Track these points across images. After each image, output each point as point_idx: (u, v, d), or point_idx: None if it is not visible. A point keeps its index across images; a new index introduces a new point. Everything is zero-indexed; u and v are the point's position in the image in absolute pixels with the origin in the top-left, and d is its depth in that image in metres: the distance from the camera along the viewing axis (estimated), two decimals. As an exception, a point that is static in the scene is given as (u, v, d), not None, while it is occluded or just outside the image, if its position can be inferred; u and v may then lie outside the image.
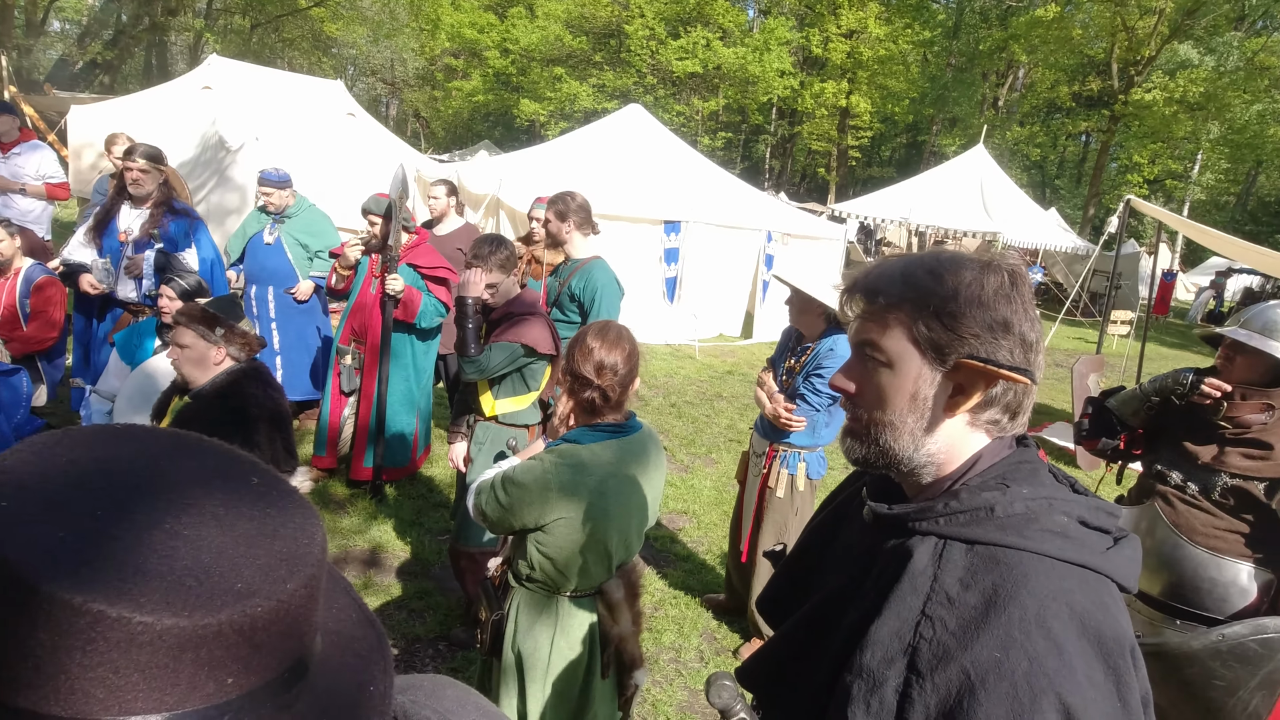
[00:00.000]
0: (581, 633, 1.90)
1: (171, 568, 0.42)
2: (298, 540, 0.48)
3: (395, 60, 32.83)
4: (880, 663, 0.82)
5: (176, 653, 0.41)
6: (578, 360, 1.83)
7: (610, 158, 9.58)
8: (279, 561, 0.46)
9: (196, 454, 0.51)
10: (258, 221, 4.74)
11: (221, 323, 2.58)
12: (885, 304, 0.90)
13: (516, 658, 1.90)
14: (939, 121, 31.84)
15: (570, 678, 1.90)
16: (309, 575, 0.47)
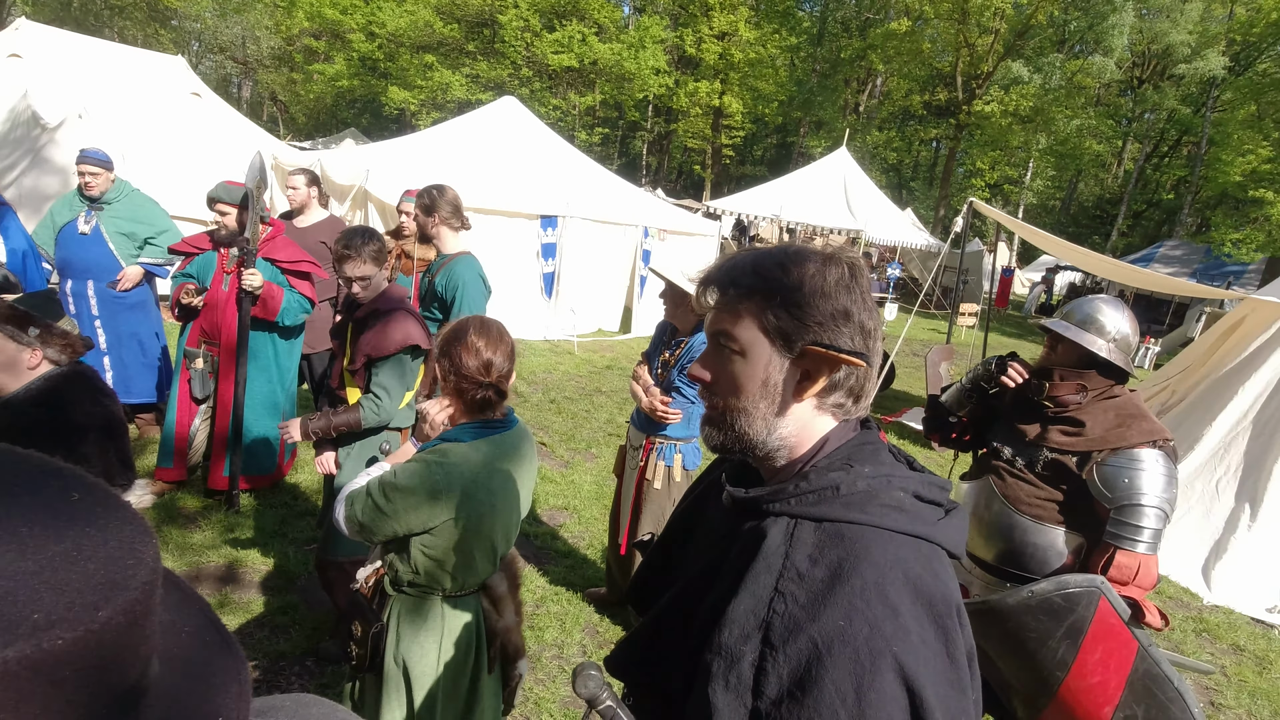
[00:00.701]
0: (467, 631, 1.88)
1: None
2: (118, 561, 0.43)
3: (247, 37, 30.43)
4: (737, 639, 0.85)
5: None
6: (464, 359, 1.78)
7: (485, 150, 9.36)
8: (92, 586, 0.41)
9: (5, 470, 0.45)
10: (69, 208, 4.24)
11: (36, 322, 2.30)
12: (737, 295, 0.94)
13: (402, 667, 1.84)
14: (806, 124, 33.43)
15: (458, 678, 1.88)
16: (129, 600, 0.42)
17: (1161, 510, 2.15)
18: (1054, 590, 1.97)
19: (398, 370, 2.74)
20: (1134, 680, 1.95)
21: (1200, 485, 5.23)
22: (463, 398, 1.81)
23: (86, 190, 4.18)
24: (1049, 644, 1.97)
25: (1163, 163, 33.36)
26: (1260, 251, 21.37)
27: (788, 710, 0.79)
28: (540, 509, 4.66)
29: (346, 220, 7.83)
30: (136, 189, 4.46)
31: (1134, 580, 2.11)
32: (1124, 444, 2.21)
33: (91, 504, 0.45)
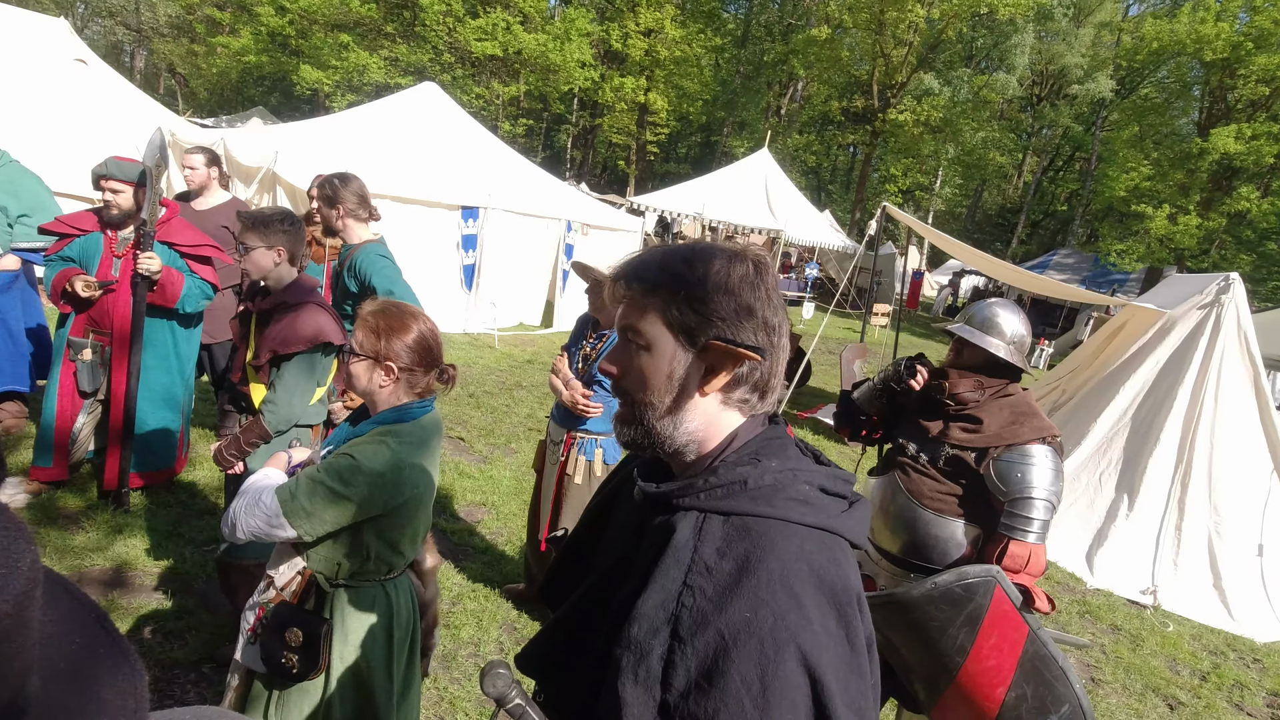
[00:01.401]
0: (408, 610, 1.91)
1: None
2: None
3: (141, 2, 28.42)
4: (646, 633, 0.85)
5: None
6: (410, 340, 1.80)
7: (404, 137, 9.08)
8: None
9: None
10: None
11: None
12: (643, 290, 0.95)
13: (354, 661, 1.79)
14: (730, 124, 34.01)
15: (401, 657, 1.89)
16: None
17: (1049, 502, 2.29)
18: (954, 581, 2.07)
19: (305, 367, 2.60)
20: (1024, 661, 2.07)
21: (1085, 478, 5.62)
22: (410, 376, 1.82)
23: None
24: (949, 631, 2.08)
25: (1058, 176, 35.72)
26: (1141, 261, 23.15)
27: (695, 702, 0.80)
28: (458, 505, 4.56)
29: (252, 204, 7.45)
30: (16, 160, 4.09)
31: (1025, 568, 2.25)
32: (1017, 440, 2.35)
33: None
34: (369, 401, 1.87)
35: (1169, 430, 5.37)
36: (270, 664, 1.73)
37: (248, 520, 1.68)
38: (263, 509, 1.68)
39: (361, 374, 1.80)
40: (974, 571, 2.11)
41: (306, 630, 1.71)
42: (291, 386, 2.57)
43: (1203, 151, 22.23)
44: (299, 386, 2.58)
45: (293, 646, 1.70)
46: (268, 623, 1.74)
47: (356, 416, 1.96)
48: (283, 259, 2.67)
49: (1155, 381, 5.60)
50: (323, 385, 2.75)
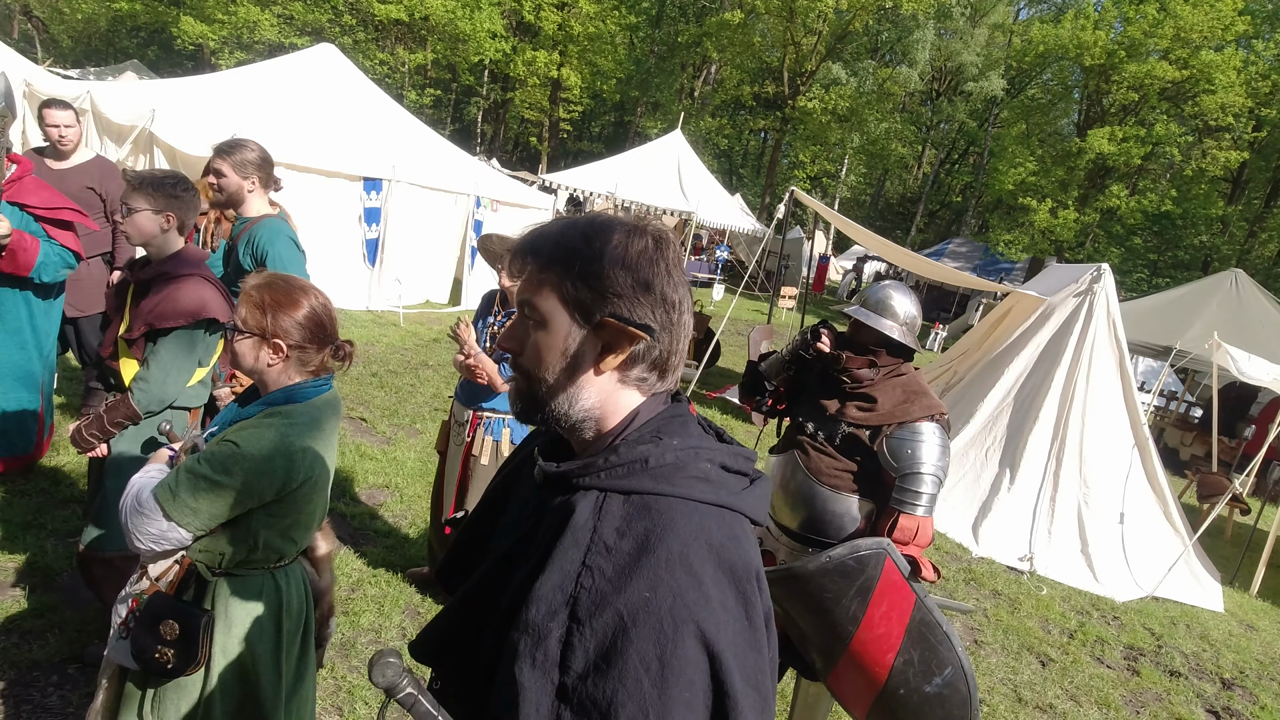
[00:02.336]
0: (299, 599, 1.82)
1: None
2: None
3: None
4: (544, 616, 0.83)
5: None
6: (300, 315, 1.69)
7: (300, 101, 8.53)
8: None
9: None
10: None
11: None
12: (537, 264, 0.92)
13: (237, 654, 1.68)
14: (643, 104, 33.93)
15: (292, 647, 1.80)
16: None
17: (937, 477, 2.41)
18: (847, 554, 2.15)
19: (184, 344, 2.40)
20: (911, 628, 2.18)
21: (973, 454, 5.99)
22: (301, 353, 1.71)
23: None
24: (843, 602, 2.15)
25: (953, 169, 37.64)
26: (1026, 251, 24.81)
27: (593, 683, 0.79)
28: (359, 488, 4.39)
29: (124, 165, 6.85)
30: None
31: (914, 540, 2.36)
32: (908, 418, 2.45)
33: None
34: (258, 382, 1.75)
35: (1047, 409, 5.78)
36: (142, 660, 1.60)
37: (139, 526, 1.55)
38: (147, 511, 1.55)
39: (247, 352, 1.68)
40: (866, 544, 2.19)
41: (183, 622, 1.58)
42: (167, 364, 2.37)
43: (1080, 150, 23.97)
44: (175, 364, 2.39)
45: (168, 640, 1.57)
46: (140, 615, 1.61)
47: (245, 397, 1.83)
48: (171, 225, 2.43)
49: (1036, 364, 6.01)
50: (205, 366, 2.54)
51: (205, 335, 2.47)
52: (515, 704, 0.82)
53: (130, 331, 2.42)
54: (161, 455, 1.81)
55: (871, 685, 2.20)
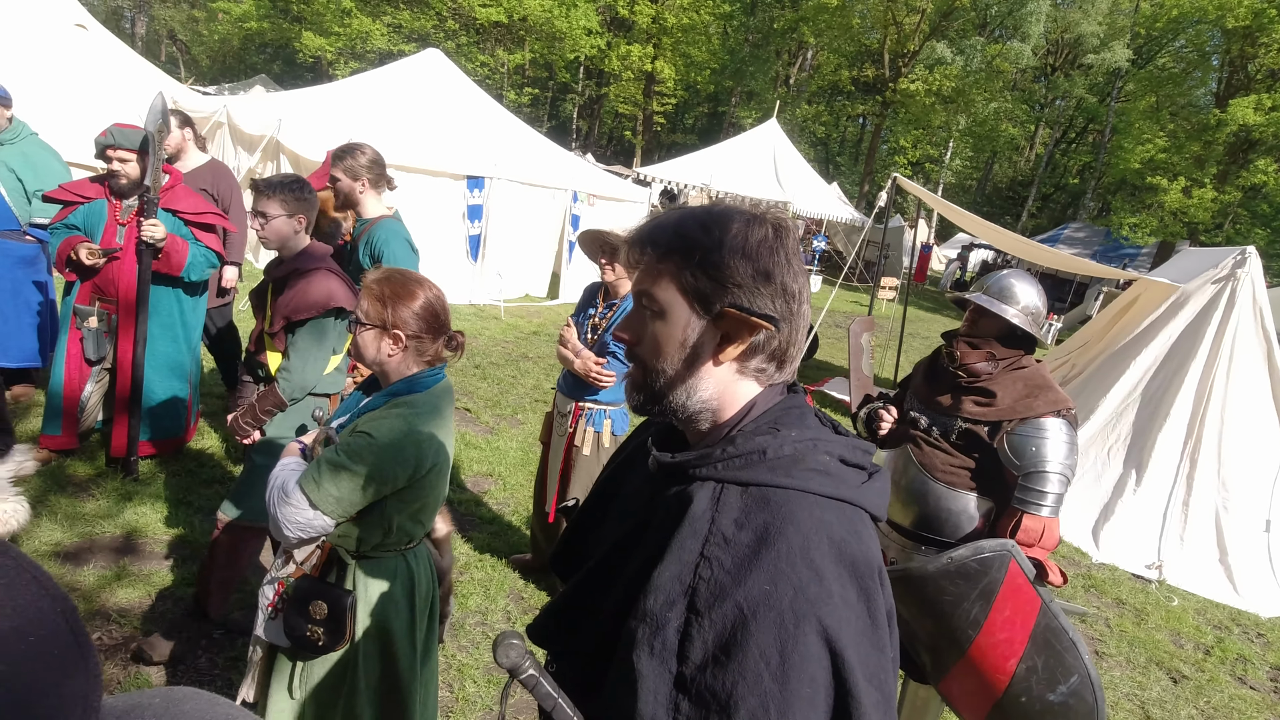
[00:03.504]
0: (426, 579, 1.92)
1: None
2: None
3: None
4: (663, 606, 0.83)
5: None
6: (416, 307, 1.78)
7: (409, 105, 8.95)
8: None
9: None
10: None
11: None
12: (656, 255, 0.92)
13: (376, 632, 1.81)
14: (738, 94, 33.51)
15: (421, 625, 1.91)
16: None
17: (1064, 476, 2.27)
18: (970, 556, 2.06)
19: (316, 334, 2.58)
20: (1036, 634, 2.06)
21: (1094, 452, 5.60)
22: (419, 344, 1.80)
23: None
24: (963, 605, 2.06)
25: (1070, 148, 35.19)
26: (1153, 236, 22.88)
27: (713, 675, 0.79)
28: (464, 475, 4.57)
29: (255, 173, 7.39)
30: (36, 134, 4.03)
31: (1039, 542, 2.23)
32: (1031, 414, 2.32)
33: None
34: (379, 372, 1.85)
35: (1179, 405, 5.33)
36: (295, 638, 1.73)
37: (288, 515, 1.66)
38: (294, 501, 1.66)
39: (370, 343, 1.78)
40: (989, 546, 2.09)
41: (331, 603, 1.71)
42: (305, 353, 2.55)
43: (1220, 123, 21.84)
44: (311, 353, 2.57)
45: (317, 620, 1.70)
46: (290, 597, 1.74)
47: (368, 385, 1.94)
48: (301, 227, 2.64)
49: (1167, 356, 5.55)
50: (338, 353, 2.73)
51: (336, 324, 2.64)
52: (633, 691, 0.83)
53: (271, 326, 2.62)
54: (293, 449, 1.93)
55: (990, 692, 2.10)
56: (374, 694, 1.84)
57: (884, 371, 8.98)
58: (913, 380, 2.73)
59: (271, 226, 2.57)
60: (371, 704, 1.84)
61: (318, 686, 1.81)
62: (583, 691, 0.98)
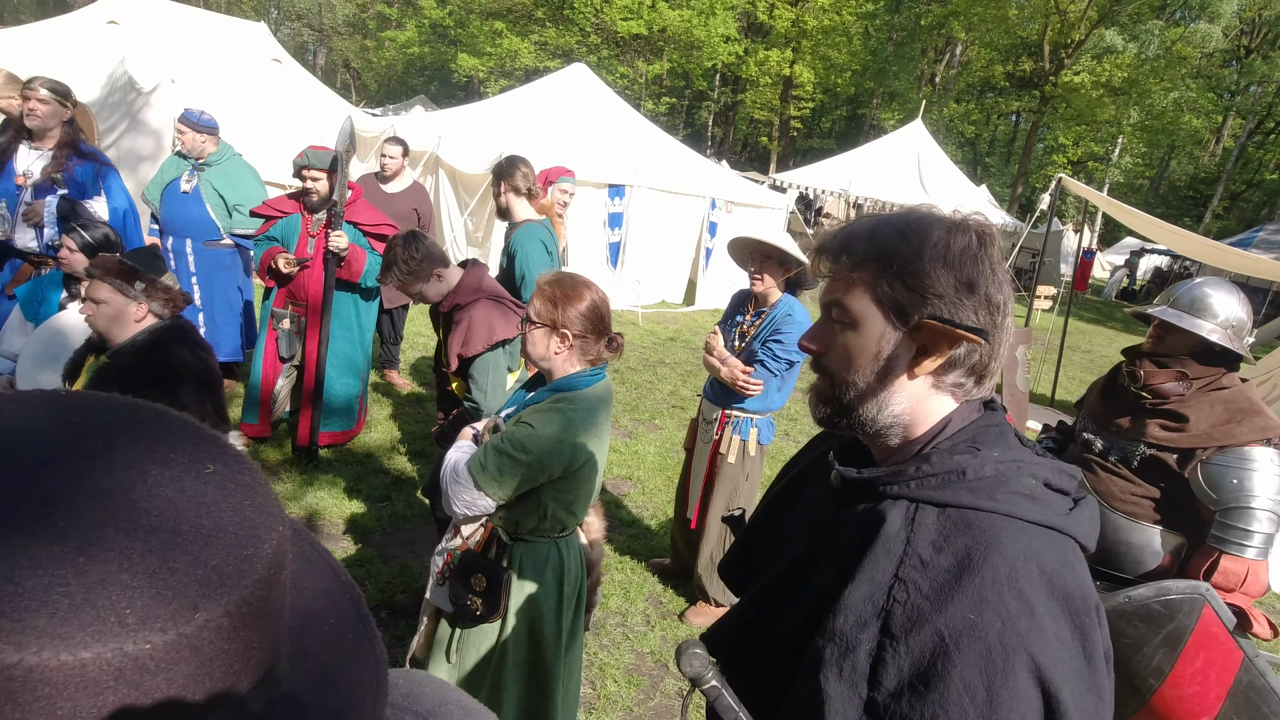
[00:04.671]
0: (577, 568, 2.03)
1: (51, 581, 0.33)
2: (236, 550, 0.38)
3: (323, 5, 31.08)
4: (853, 627, 0.82)
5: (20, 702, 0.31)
6: (583, 307, 1.88)
7: (554, 118, 9.33)
8: (197, 581, 0.36)
9: (145, 434, 0.41)
10: (176, 167, 4.42)
11: (141, 276, 2.40)
12: (850, 263, 0.90)
13: (525, 611, 1.94)
14: (879, 95, 32.27)
15: (569, 610, 2.02)
16: (236, 600, 0.37)
17: (1274, 514, 2.01)
18: (1153, 596, 1.87)
19: (490, 364, 2.78)
20: (1236, 692, 1.85)
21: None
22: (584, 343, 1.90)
23: (181, 150, 4.35)
24: (1144, 650, 1.89)
25: (1267, 140, 31.03)
26: (1374, 239, 19.77)
27: (909, 704, 0.76)
28: (604, 478, 4.69)
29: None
30: (239, 154, 4.59)
31: (1241, 587, 1.99)
32: (1234, 441, 2.07)
33: (224, 479, 0.41)
34: (544, 369, 1.96)
35: None
36: (456, 605, 1.89)
37: (457, 493, 1.83)
38: (463, 481, 1.82)
39: (539, 341, 1.90)
40: (1177, 587, 1.89)
41: (490, 576, 1.86)
42: (484, 384, 2.76)
43: None
44: (490, 381, 2.77)
45: (477, 591, 1.86)
46: (455, 567, 1.91)
47: (533, 382, 2.06)
48: (444, 278, 2.84)
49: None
50: (514, 370, 2.93)
51: (503, 352, 2.83)
52: (819, 712, 0.82)
53: (447, 366, 2.86)
54: (467, 433, 2.09)
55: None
56: (520, 669, 1.97)
57: (1040, 387, 8.33)
58: (1087, 399, 2.52)
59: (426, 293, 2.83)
60: (516, 679, 1.97)
61: (471, 654, 1.96)
62: (756, 706, 0.98)
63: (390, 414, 4.98)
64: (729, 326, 3.23)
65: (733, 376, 3.06)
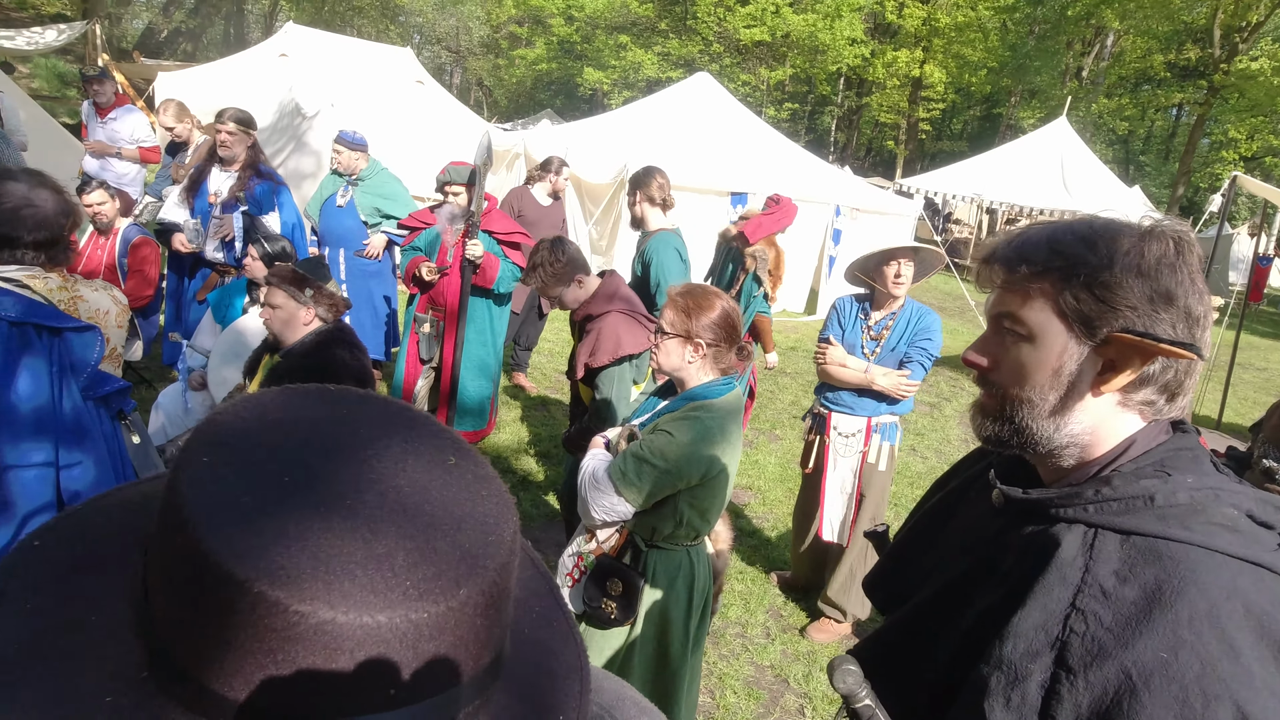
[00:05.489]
0: (705, 576, 2.05)
1: (348, 553, 0.37)
2: (484, 535, 0.42)
3: (460, 28, 32.99)
4: (1023, 656, 0.78)
5: (332, 653, 0.36)
6: (714, 317, 1.90)
7: (676, 127, 9.43)
8: (461, 559, 0.40)
9: (398, 427, 0.46)
10: (332, 184, 4.84)
11: (310, 284, 2.64)
12: (1028, 273, 0.85)
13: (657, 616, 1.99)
14: (1017, 93, 30.33)
15: (695, 617, 2.05)
16: (489, 580, 0.41)
17: None
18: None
19: (616, 376, 2.85)
20: None
21: None
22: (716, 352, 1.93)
23: (336, 167, 4.75)
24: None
25: None
26: None
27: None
28: (723, 487, 4.68)
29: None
30: (386, 169, 4.98)
31: None
32: None
33: (464, 471, 0.45)
34: (677, 379, 2.00)
35: None
36: (590, 608, 1.95)
37: (596, 499, 1.89)
38: (603, 488, 1.88)
39: (673, 351, 1.93)
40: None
41: (626, 581, 1.90)
42: (610, 395, 2.84)
43: None
44: (616, 392, 2.85)
45: (613, 595, 1.91)
46: (591, 571, 1.96)
47: (664, 391, 2.10)
48: (583, 285, 2.94)
49: None
50: (639, 382, 3.00)
51: (629, 365, 2.89)
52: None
53: (575, 374, 2.95)
54: (598, 441, 2.14)
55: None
56: (645, 673, 2.00)
57: (1204, 409, 7.53)
58: (1267, 422, 2.27)
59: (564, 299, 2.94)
60: (641, 682, 2.00)
61: (595, 657, 2.00)
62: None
63: (518, 416, 5.19)
64: (849, 335, 3.17)
65: (895, 384, 3.02)
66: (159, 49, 21.57)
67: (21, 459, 1.59)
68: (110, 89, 5.76)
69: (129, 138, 5.79)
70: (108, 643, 0.39)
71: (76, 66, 15.31)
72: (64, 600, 0.41)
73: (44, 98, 12.12)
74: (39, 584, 0.42)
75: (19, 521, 1.64)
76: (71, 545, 0.45)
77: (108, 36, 16.43)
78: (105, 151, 5.71)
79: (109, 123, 5.74)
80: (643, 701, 0.67)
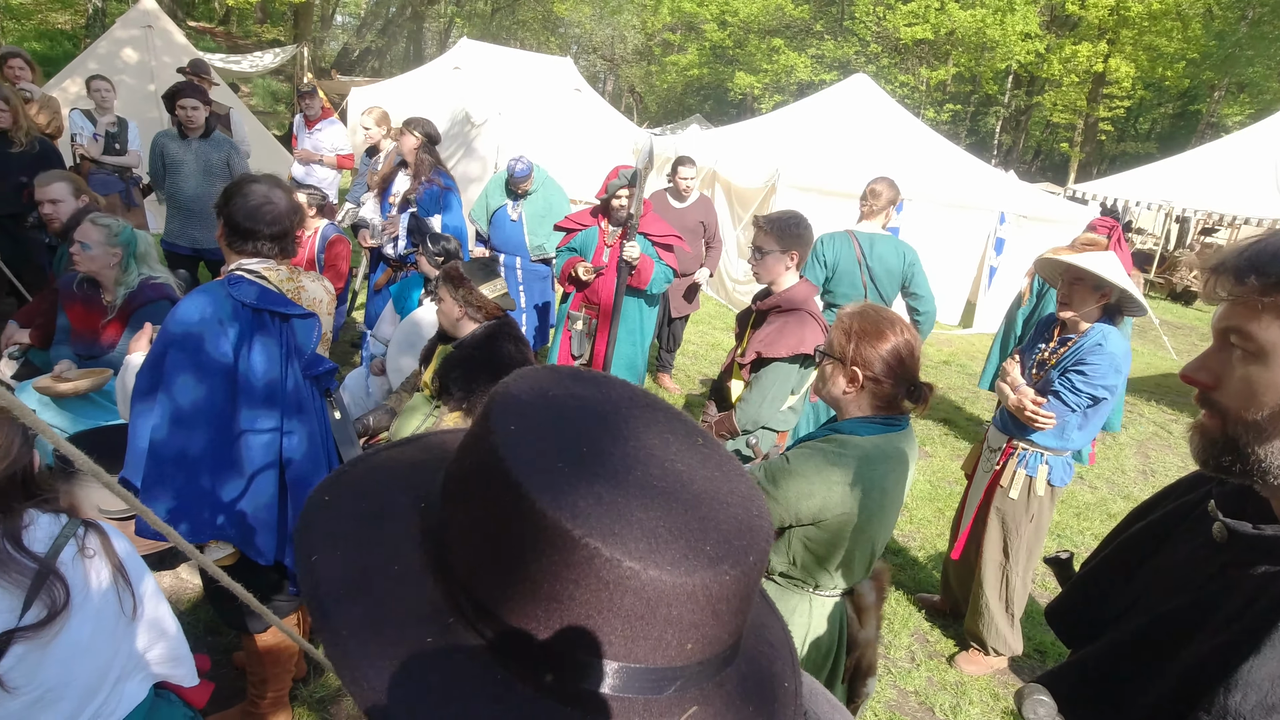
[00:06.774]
0: (830, 635, 1.80)
1: (650, 520, 0.41)
2: (748, 510, 0.45)
3: (616, 38, 34.00)
4: (1255, 709, 0.72)
5: (652, 606, 0.40)
6: (884, 349, 1.67)
7: (832, 131, 9.20)
8: (739, 530, 0.44)
9: (649, 409, 0.49)
10: (499, 195, 5.15)
11: (465, 285, 2.84)
12: (1259, 285, 0.79)
13: None
14: (1222, 87, 26.98)
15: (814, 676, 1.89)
16: (761, 550, 0.44)
17: None
18: None
19: (781, 374, 2.73)
20: None
21: None
22: (877, 388, 1.70)
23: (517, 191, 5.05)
24: None
25: None
26: None
27: None
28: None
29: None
30: (550, 178, 5.26)
31: None
32: None
33: (712, 451, 0.49)
34: (834, 408, 1.81)
35: None
36: None
37: None
38: None
39: (830, 376, 1.74)
40: None
41: None
42: (765, 389, 2.73)
43: None
44: (771, 391, 2.73)
45: None
46: None
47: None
48: (793, 264, 2.79)
49: None
50: (796, 394, 2.83)
51: (800, 369, 2.77)
52: None
53: (744, 356, 2.88)
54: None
55: None
56: None
57: None
58: None
59: (764, 264, 2.79)
60: None
61: None
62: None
63: (661, 416, 5.30)
64: (1029, 353, 2.95)
65: (1020, 404, 2.78)
66: (351, 67, 23.84)
67: (255, 424, 1.85)
68: (318, 104, 6.47)
69: (330, 147, 6.48)
70: (409, 580, 0.45)
71: (286, 85, 17.32)
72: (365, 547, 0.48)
73: (260, 113, 13.80)
74: (343, 533, 0.49)
75: (247, 479, 1.89)
76: (357, 501, 0.52)
77: (311, 57, 18.41)
78: (310, 159, 6.42)
79: (315, 133, 6.44)
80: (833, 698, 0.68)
